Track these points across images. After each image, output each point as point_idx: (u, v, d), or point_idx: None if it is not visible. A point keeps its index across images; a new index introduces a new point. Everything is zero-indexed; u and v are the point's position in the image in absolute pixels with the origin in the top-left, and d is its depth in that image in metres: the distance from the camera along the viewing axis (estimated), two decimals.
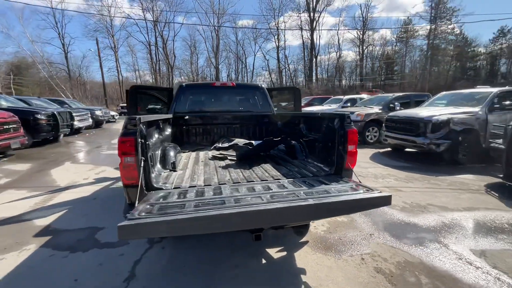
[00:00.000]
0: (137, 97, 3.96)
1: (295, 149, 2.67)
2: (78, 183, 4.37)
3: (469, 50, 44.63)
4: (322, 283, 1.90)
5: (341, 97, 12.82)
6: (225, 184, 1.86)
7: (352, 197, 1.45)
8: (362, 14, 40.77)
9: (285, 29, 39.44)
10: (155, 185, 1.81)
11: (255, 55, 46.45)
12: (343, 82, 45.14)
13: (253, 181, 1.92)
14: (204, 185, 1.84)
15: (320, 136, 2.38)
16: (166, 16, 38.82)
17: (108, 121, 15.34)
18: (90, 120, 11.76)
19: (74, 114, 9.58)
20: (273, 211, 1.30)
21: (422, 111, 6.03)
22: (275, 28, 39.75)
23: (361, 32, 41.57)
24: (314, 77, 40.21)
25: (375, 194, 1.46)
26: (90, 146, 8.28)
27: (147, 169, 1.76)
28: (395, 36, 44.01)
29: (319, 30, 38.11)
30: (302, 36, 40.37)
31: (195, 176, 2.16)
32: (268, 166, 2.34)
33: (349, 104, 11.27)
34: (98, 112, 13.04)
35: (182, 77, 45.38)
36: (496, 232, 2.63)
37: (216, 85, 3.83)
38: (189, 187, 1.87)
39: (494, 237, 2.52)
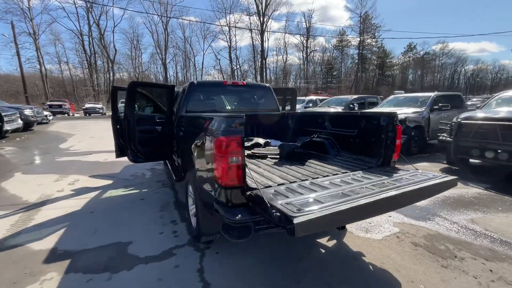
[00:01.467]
0: (136, 95, 3.55)
1: (325, 146, 2.88)
2: (55, 197, 3.64)
3: (387, 60, 53.42)
4: (383, 261, 2.17)
5: (303, 98, 13.74)
6: (306, 179, 1.92)
7: (432, 182, 1.73)
8: (305, 22, 44.22)
9: (236, 27, 39.69)
10: (250, 185, 1.74)
11: (204, 54, 45.28)
12: (289, 84, 48.14)
13: (329, 175, 2.04)
14: (291, 182, 1.87)
15: (357, 133, 2.65)
16: (103, 4, 34.22)
17: (40, 123, 12.76)
18: (20, 121, 9.62)
19: (3, 114, 7.70)
20: (395, 197, 1.47)
21: (385, 111, 7.09)
22: (226, 25, 39.74)
23: (304, 38, 45.07)
24: (264, 79, 41.65)
25: (446, 178, 1.79)
26: (32, 153, 6.81)
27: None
28: (332, 45, 49.35)
29: (268, 32, 39.68)
30: (252, 38, 41.40)
31: (265, 174, 2.12)
32: (317, 162, 2.49)
33: (310, 105, 12.23)
34: (27, 112, 10.71)
35: (122, 73, 40.95)
36: (471, 204, 3.39)
37: (227, 84, 3.75)
38: (279, 184, 1.83)
39: (472, 208, 3.26)
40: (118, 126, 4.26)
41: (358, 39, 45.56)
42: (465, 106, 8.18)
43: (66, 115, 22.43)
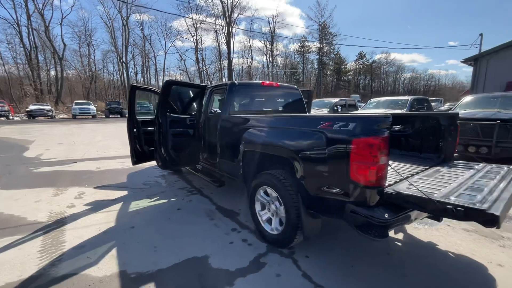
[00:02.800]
0: (169, 94, 3.24)
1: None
2: (70, 214, 3.09)
3: (343, 66, 58.17)
4: (456, 247, 2.40)
5: None
6: (412, 175, 2.02)
7: None
8: (270, 27, 45.43)
9: (202, 23, 38.66)
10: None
11: (165, 53, 42.99)
12: None
13: (420, 171, 2.18)
14: (405, 178, 1.93)
15: (412, 132, 2.87)
16: None
17: None
18: None
19: None
20: None
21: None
22: (192, 24, 38.43)
23: (268, 42, 46.25)
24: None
25: None
26: None
27: None
28: (293, 50, 51.69)
29: (233, 35, 39.62)
30: (217, 40, 40.88)
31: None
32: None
33: None
34: None
35: (71, 71, 36.42)
36: None
37: (264, 85, 3.67)
38: (399, 181, 1.88)
39: None
40: (135, 130, 3.82)
41: (318, 45, 48.65)
42: (432, 107, 9.43)
43: (5, 118, 18.96)
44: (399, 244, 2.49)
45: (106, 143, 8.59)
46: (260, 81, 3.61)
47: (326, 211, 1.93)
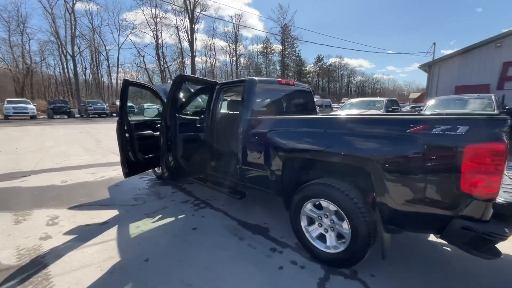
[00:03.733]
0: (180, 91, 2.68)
1: None
2: (49, 249, 2.31)
3: (303, 68, 60.87)
4: None
5: None
6: None
7: None
8: (233, 27, 44.89)
9: (161, 19, 36.15)
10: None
11: (119, 48, 39.06)
12: None
13: None
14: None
15: None
16: None
17: None
18: None
19: None
20: None
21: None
22: (152, 18, 35.64)
23: (232, 42, 45.71)
24: None
25: None
26: None
27: None
28: (257, 51, 52.14)
29: (196, 30, 37.97)
30: (179, 36, 38.80)
31: None
32: None
33: None
34: None
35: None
36: None
37: (281, 83, 3.32)
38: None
39: None
40: (127, 135, 3.13)
41: (281, 47, 49.91)
42: (400, 108, 10.25)
43: None
44: (449, 249, 2.42)
45: (62, 150, 7.20)
46: (278, 79, 3.26)
47: (415, 226, 1.70)
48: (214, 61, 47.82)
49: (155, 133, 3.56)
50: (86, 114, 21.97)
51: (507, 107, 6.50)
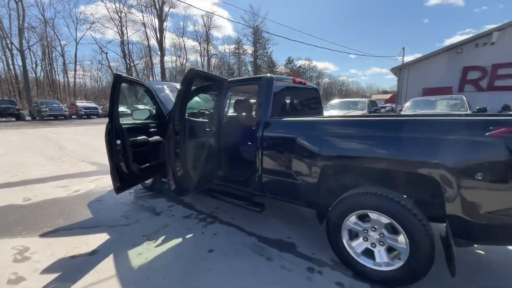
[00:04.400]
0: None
1: None
2: None
3: (275, 70, 61.80)
4: None
5: None
6: None
7: None
8: (205, 26, 43.78)
9: (126, 13, 33.64)
10: None
11: (77, 43, 35.55)
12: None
13: None
14: None
15: None
16: None
17: None
18: None
19: None
20: None
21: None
22: (116, 12, 32.93)
23: (204, 43, 44.57)
24: (164, 80, 37.72)
25: None
26: None
27: None
28: (229, 51, 51.59)
29: (166, 27, 36.12)
30: (146, 34, 36.60)
31: None
32: None
33: None
34: None
35: None
36: None
37: (295, 82, 3.04)
38: None
39: None
40: (118, 142, 2.61)
41: (252, 47, 50.00)
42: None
43: None
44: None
45: (17, 159, 6.08)
46: (291, 77, 2.99)
47: (494, 240, 1.54)
48: (185, 60, 46.17)
49: (150, 139, 3.04)
50: (39, 116, 19.39)
51: (477, 108, 7.06)
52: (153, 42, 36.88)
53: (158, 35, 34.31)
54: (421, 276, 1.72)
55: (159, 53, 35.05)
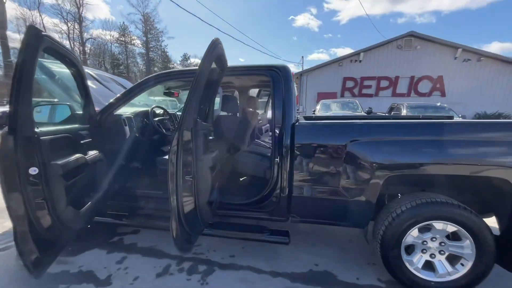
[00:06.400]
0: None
1: None
2: None
3: (170, 65, 57.41)
4: None
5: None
6: None
7: None
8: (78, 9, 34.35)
9: None
10: None
11: None
12: None
13: None
14: None
15: None
16: None
17: None
18: None
19: None
20: None
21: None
22: None
23: (75, 23, 35.06)
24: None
25: None
26: None
27: None
28: (112, 38, 43.15)
29: None
30: None
31: None
32: None
33: None
34: None
35: None
36: None
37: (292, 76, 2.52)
38: None
39: None
40: (34, 171, 1.32)
41: (144, 38, 44.07)
42: None
43: None
44: None
45: None
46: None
47: None
48: None
49: (87, 156, 1.73)
50: None
51: (366, 109, 8.97)
52: None
53: None
54: (484, 277, 1.73)
55: None
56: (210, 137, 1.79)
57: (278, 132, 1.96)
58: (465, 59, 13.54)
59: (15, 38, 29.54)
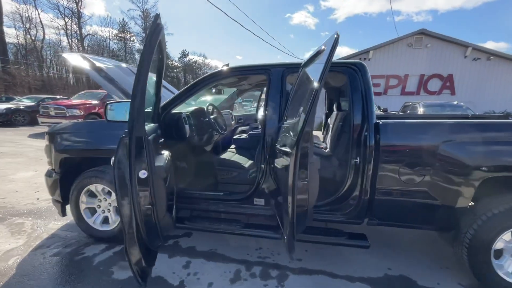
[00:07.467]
0: None
1: None
2: None
3: (169, 62, 56.89)
4: None
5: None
6: None
7: None
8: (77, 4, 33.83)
9: None
10: None
11: None
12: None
13: None
14: None
15: None
16: None
17: None
18: None
19: None
20: None
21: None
22: None
23: (73, 19, 34.54)
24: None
25: None
26: None
27: None
28: (111, 35, 42.63)
29: None
30: None
31: None
32: None
33: None
34: None
35: None
36: None
37: None
38: None
39: None
40: (143, 173, 1.22)
41: (143, 35, 43.53)
42: None
43: None
44: None
45: None
46: None
47: None
48: (42, 36, 33.94)
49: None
50: None
51: (382, 108, 8.91)
52: None
53: None
54: None
55: None
56: None
57: (355, 131, 1.88)
58: (475, 58, 13.48)
59: (11, 33, 29.01)
